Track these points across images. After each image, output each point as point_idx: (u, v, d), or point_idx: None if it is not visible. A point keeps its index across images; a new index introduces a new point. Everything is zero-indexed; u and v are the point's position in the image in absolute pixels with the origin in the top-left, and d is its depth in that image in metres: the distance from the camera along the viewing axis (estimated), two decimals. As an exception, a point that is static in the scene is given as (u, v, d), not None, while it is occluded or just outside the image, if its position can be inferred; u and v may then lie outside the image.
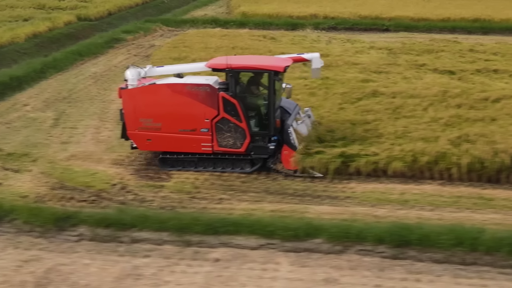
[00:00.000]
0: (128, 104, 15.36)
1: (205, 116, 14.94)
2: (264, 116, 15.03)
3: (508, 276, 11.12)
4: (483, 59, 25.66)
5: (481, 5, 39.40)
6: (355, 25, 35.09)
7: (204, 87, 14.89)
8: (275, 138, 15.06)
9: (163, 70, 16.18)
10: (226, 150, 15.18)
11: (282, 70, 14.72)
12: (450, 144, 15.46)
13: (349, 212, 13.53)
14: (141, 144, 15.62)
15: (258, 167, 15.35)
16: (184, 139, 15.18)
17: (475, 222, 13.03)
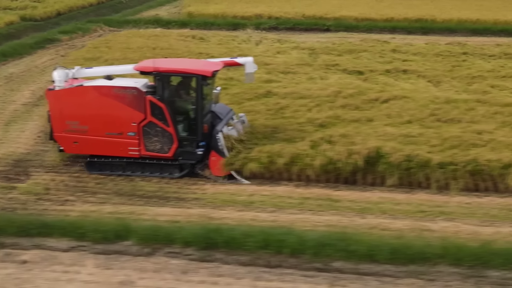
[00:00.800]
0: (55, 105, 15.11)
1: (132, 120, 14.74)
2: (192, 121, 14.82)
3: (309, 278, 11.06)
4: (402, 59, 25.59)
5: (430, 6, 39.30)
6: (296, 25, 34.96)
7: (131, 90, 14.67)
8: (203, 143, 14.87)
9: (92, 71, 15.96)
10: (153, 154, 14.96)
11: (210, 74, 14.50)
12: (310, 145, 15.34)
13: (186, 214, 13.48)
14: (68, 146, 15.38)
15: (186, 172, 15.15)
16: (111, 142, 14.96)
17: (307, 224, 12.99)
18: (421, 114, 17.80)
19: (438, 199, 14.29)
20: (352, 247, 11.21)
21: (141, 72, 14.97)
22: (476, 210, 13.78)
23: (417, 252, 11.16)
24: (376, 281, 11.02)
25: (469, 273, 10.99)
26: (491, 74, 23.05)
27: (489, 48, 27.74)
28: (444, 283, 10.92)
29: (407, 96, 19.62)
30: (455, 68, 24.10)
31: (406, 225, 13.04)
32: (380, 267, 11.21)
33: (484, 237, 12.45)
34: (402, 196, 14.44)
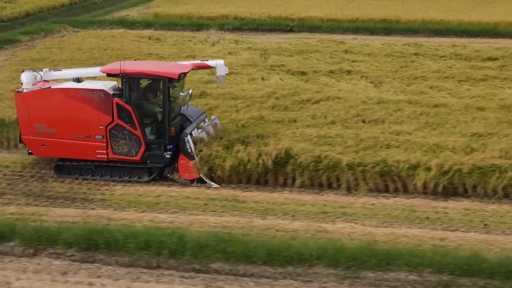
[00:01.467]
0: (22, 108, 14.93)
1: (99, 123, 14.56)
2: (160, 124, 14.68)
3: (186, 279, 11.08)
4: (351, 60, 25.53)
5: (398, 7, 39.27)
6: (260, 25, 34.97)
7: (98, 92, 14.49)
8: (171, 146, 14.73)
9: (60, 74, 15.83)
10: (121, 158, 14.78)
11: (176, 77, 14.30)
12: (225, 145, 15.33)
13: (87, 215, 13.48)
14: (36, 150, 15.24)
15: (155, 176, 15.04)
16: (79, 145, 14.79)
17: (204, 226, 13.03)
18: (347, 115, 17.78)
19: (344, 200, 14.28)
20: (230, 248, 11.19)
21: (107, 74, 14.82)
22: (378, 211, 13.78)
23: (295, 253, 11.12)
24: (253, 282, 11.03)
25: (345, 274, 10.98)
26: (435, 75, 23.00)
27: (443, 49, 27.66)
28: (320, 284, 10.93)
29: (340, 97, 19.60)
30: (401, 69, 24.07)
31: (303, 226, 13.03)
32: (257, 268, 11.21)
33: (377, 238, 12.45)
34: (309, 197, 14.43)
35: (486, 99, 19.56)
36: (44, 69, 15.70)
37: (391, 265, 10.99)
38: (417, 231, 12.86)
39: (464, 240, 12.47)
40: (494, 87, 21.45)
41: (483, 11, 37.39)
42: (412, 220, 13.39)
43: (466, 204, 14.02)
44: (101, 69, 15.09)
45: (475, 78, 22.35)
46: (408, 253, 11.09)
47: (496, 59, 25.69)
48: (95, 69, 15.83)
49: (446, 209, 13.86)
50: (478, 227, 13.11)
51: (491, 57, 25.89)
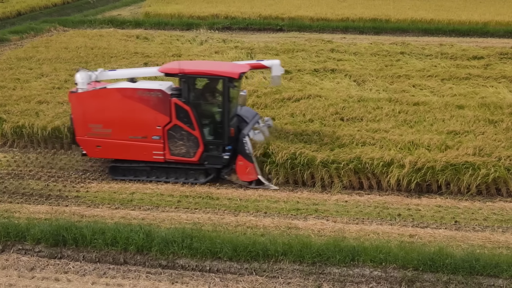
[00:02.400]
0: (77, 108, 14.59)
1: (156, 123, 14.25)
2: (218, 125, 14.32)
3: (152, 275, 11.14)
4: (337, 59, 25.58)
5: (389, 6, 39.34)
6: (250, 25, 35.02)
7: (156, 92, 14.10)
8: (229, 147, 14.42)
9: (115, 74, 15.39)
10: (178, 159, 14.48)
11: (237, 76, 13.88)
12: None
13: (59, 212, 13.54)
14: (91, 151, 14.92)
15: (212, 177, 14.76)
16: (134, 146, 14.49)
17: (175, 222, 13.06)
18: (325, 113, 17.82)
19: (317, 197, 14.32)
20: (196, 245, 11.24)
21: (166, 74, 14.43)
22: (351, 208, 13.82)
23: (260, 249, 11.17)
24: (218, 278, 11.07)
25: (310, 270, 11.02)
26: (419, 73, 23.03)
27: (430, 48, 27.70)
28: (285, 280, 10.98)
29: (321, 95, 19.63)
30: (386, 68, 24.09)
31: (274, 222, 13.07)
32: (223, 264, 11.26)
33: (347, 235, 12.50)
34: (282, 194, 14.47)
35: (467, 98, 19.61)
36: (99, 69, 15.41)
37: (356, 261, 11.00)
38: (387, 227, 12.90)
39: (433, 237, 12.51)
40: (476, 86, 21.51)
41: (473, 10, 37.46)
42: (384, 217, 13.42)
43: (438, 201, 14.05)
44: (159, 68, 14.65)
45: (458, 77, 22.38)
46: (373, 249, 11.10)
47: (481, 58, 25.72)
48: (152, 69, 15.53)
49: (419, 206, 13.88)
50: (449, 224, 13.15)
51: (477, 56, 25.92)
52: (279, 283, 10.87)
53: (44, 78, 21.97)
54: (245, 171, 14.40)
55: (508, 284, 10.53)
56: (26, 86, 20.73)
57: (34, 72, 22.64)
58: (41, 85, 20.98)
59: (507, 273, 10.58)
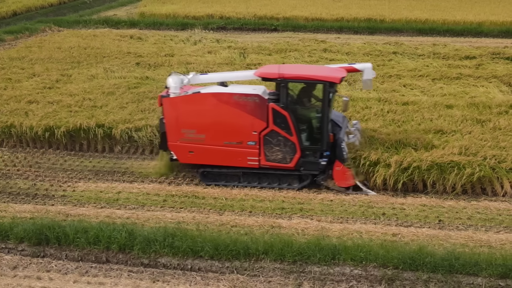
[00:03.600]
0: (170, 113, 14.30)
1: (252, 128, 13.93)
2: (316, 130, 14.02)
3: (134, 274, 11.17)
4: (329, 58, 25.59)
5: (385, 6, 39.34)
6: (244, 25, 35.04)
7: (253, 97, 13.75)
8: (328, 153, 14.13)
9: (207, 77, 15.00)
10: (274, 165, 14.19)
11: (338, 81, 13.55)
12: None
13: (45, 211, 13.58)
14: (182, 156, 14.62)
15: (307, 183, 14.51)
16: (229, 152, 14.22)
17: (160, 222, 13.11)
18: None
19: (303, 196, 14.36)
20: (177, 243, 11.28)
21: (263, 78, 14.05)
22: (336, 208, 13.85)
23: (242, 248, 11.21)
24: (199, 276, 11.11)
25: (291, 268, 11.06)
26: (410, 73, 23.07)
27: (423, 48, 27.71)
28: (266, 278, 11.02)
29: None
30: (378, 67, 24.09)
31: (258, 221, 13.11)
32: (205, 263, 11.30)
33: (330, 234, 12.54)
34: (268, 193, 14.51)
35: (457, 97, 19.64)
36: (191, 72, 15.16)
37: (336, 260, 11.04)
38: (371, 226, 12.94)
39: (416, 236, 12.55)
40: (467, 85, 21.53)
41: (468, 10, 37.47)
42: (368, 216, 13.46)
43: (423, 200, 14.09)
44: (254, 72, 14.22)
45: (449, 77, 22.42)
46: (354, 248, 11.14)
47: (473, 58, 25.73)
48: (246, 72, 15.24)
49: (403, 205, 13.92)
50: (433, 223, 13.19)
51: (469, 56, 25.94)
52: (259, 282, 10.91)
53: (35, 78, 22.03)
54: (342, 176, 14.16)
55: (487, 282, 10.57)
56: (17, 86, 20.79)
57: (26, 72, 22.70)
58: (32, 85, 21.04)
59: (486, 272, 10.61)
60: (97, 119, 17.23)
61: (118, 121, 17.28)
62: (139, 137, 16.84)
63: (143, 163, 16.16)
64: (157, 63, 24.18)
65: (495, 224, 13.16)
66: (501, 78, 22.12)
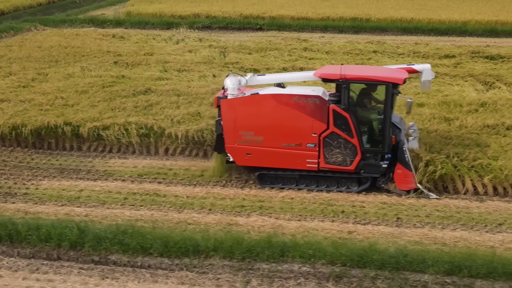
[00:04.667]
0: (228, 115, 14.06)
1: (312, 130, 13.72)
2: (377, 132, 13.82)
3: (84, 271, 11.18)
4: (308, 57, 25.65)
5: (372, 5, 39.36)
6: (229, 24, 35.07)
7: (313, 98, 13.58)
8: (389, 156, 13.86)
9: (265, 79, 14.89)
10: (334, 167, 13.94)
11: (401, 82, 13.36)
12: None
13: (4, 209, 13.58)
14: (240, 158, 14.35)
15: (366, 186, 14.28)
16: (287, 154, 13.97)
17: (118, 219, 13.13)
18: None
19: (264, 194, 14.38)
20: (127, 241, 11.29)
21: (323, 79, 14.00)
22: (296, 205, 13.86)
23: (191, 245, 11.22)
24: (149, 274, 11.11)
25: (240, 265, 11.07)
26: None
27: (405, 47, 27.78)
28: (215, 275, 11.02)
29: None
30: (360, 66, 24.07)
31: (215, 219, 13.13)
32: (155, 260, 11.31)
33: (286, 231, 12.55)
34: (230, 191, 14.53)
35: (429, 96, 19.65)
36: (249, 74, 14.93)
37: (285, 257, 11.03)
38: (328, 224, 12.95)
39: (371, 233, 12.56)
40: (442, 84, 21.56)
41: (455, 9, 37.50)
42: (327, 213, 13.47)
43: (384, 198, 14.08)
44: (314, 73, 14.11)
45: (425, 76, 22.32)
46: (304, 245, 11.14)
47: (453, 56, 25.79)
48: (306, 73, 15.18)
49: (364, 203, 13.91)
50: (391, 221, 13.19)
51: (449, 55, 26.04)
52: (208, 279, 10.91)
53: (12, 76, 22.07)
54: (404, 179, 13.89)
55: (433, 279, 10.57)
56: (-8, 85, 20.84)
57: (3, 71, 22.76)
58: (8, 83, 21.08)
59: (432, 269, 10.60)
60: (65, 117, 17.25)
61: (87, 119, 17.30)
62: (107, 136, 16.78)
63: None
64: (135, 62, 24.21)
65: (452, 222, 13.16)
66: (477, 77, 22.15)
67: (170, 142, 16.67)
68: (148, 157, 16.63)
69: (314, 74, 14.09)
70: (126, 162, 16.28)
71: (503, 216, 13.41)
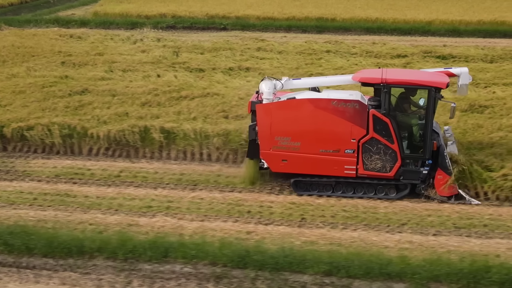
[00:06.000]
0: (264, 120, 13.62)
1: (351, 136, 13.36)
2: (419, 138, 13.51)
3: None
4: (260, 57, 25.59)
5: (340, 5, 39.30)
6: (194, 24, 35.02)
7: (353, 103, 13.23)
8: (430, 161, 13.55)
9: (301, 83, 14.50)
10: (372, 174, 13.59)
11: (444, 86, 13.00)
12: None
13: None
14: (275, 165, 13.96)
15: (406, 193, 13.91)
16: (325, 160, 13.60)
17: (20, 219, 13.06)
18: (212, 111, 17.86)
19: (175, 194, 14.32)
20: (12, 241, 11.23)
21: (363, 83, 13.66)
22: (203, 206, 13.81)
23: (75, 246, 11.16)
24: (33, 274, 11.07)
25: (123, 266, 11.01)
26: (335, 71, 22.95)
27: (361, 46, 27.70)
28: (98, 276, 10.98)
29: (219, 93, 19.63)
30: (306, 66, 24.08)
31: (117, 220, 13.09)
32: (39, 260, 11.26)
33: (185, 232, 12.51)
34: (142, 191, 14.47)
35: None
36: (284, 77, 14.49)
37: (168, 258, 10.97)
38: (229, 224, 12.91)
39: (269, 233, 12.50)
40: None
41: (421, 9, 37.40)
42: (233, 214, 13.41)
43: (293, 199, 14.01)
44: (353, 77, 13.79)
45: (369, 75, 22.26)
46: (188, 245, 11.09)
47: (405, 56, 25.68)
48: (344, 77, 14.91)
49: (273, 203, 13.84)
50: (295, 221, 13.13)
51: (401, 55, 25.90)
52: (90, 279, 10.87)
53: (-45, 76, 22.00)
54: (445, 185, 13.63)
55: (312, 280, 10.51)
56: None
57: (-50, 71, 22.69)
58: (-51, 83, 21.02)
59: (312, 270, 10.53)
60: (-8, 117, 17.18)
61: (13, 119, 17.23)
62: (31, 136, 16.73)
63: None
64: (82, 62, 24.16)
65: (356, 222, 13.08)
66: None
67: (93, 142, 16.57)
68: (71, 158, 16.52)
69: (353, 78, 13.74)
70: (47, 162, 16.24)
71: (408, 216, 13.31)
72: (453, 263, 10.63)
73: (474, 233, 12.70)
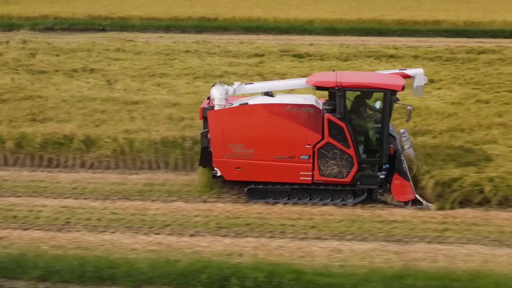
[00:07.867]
0: (216, 127, 13.14)
1: (306, 141, 13.00)
2: (374, 142, 13.19)
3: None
4: (113, 58, 25.33)
5: (227, 4, 39.39)
6: (72, 25, 34.50)
7: (307, 108, 12.85)
8: (387, 166, 13.20)
9: (254, 87, 14.07)
10: (329, 180, 13.22)
11: (400, 89, 12.72)
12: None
13: None
14: (228, 173, 13.46)
15: (363, 198, 13.53)
16: (280, 167, 13.18)
17: None
18: (21, 113, 17.62)
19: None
20: None
21: (317, 87, 13.31)
22: None
23: None
24: None
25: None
26: (184, 71, 22.92)
27: (226, 46, 27.64)
28: None
29: (43, 96, 19.38)
30: (158, 66, 23.98)
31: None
32: None
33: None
34: None
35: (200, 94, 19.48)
36: (236, 82, 14.00)
37: None
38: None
39: (21, 239, 12.20)
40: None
41: (307, 8, 37.70)
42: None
43: (69, 202, 13.77)
44: (307, 80, 13.40)
45: (212, 75, 22.27)
46: None
47: (262, 55, 25.76)
48: (296, 81, 14.50)
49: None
50: (58, 225, 12.88)
51: (258, 54, 25.98)
52: None
53: None
54: (402, 190, 13.29)
55: (27, 286, 10.25)
56: None
57: None
58: None
59: (26, 275, 10.26)
60: None
61: None
62: None
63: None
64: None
65: (119, 225, 12.90)
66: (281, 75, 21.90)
67: None
68: None
69: (306, 82, 13.40)
70: None
71: (176, 217, 13.23)
72: (171, 264, 10.49)
73: (233, 232, 12.64)
